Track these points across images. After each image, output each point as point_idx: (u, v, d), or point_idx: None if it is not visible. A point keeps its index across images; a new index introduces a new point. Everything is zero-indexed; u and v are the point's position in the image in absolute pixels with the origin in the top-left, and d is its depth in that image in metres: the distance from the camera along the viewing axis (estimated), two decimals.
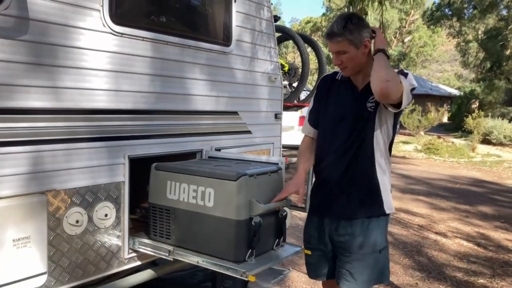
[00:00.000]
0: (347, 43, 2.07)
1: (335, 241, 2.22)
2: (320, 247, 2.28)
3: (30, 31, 1.90)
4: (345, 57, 2.10)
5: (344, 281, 2.17)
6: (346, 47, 2.08)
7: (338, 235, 2.20)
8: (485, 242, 5.64)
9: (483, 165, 13.52)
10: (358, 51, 2.09)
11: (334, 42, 2.09)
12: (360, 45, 2.08)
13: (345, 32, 2.05)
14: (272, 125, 3.39)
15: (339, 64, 2.13)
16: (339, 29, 2.06)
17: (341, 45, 2.08)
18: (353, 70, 2.15)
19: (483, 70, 29.20)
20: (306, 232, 2.36)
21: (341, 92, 2.22)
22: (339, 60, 2.11)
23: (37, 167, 1.95)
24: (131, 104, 2.33)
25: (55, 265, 2.03)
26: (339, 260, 2.21)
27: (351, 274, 2.15)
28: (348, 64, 2.12)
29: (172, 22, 2.67)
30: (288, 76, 5.13)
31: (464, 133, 20.01)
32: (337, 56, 2.11)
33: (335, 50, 2.11)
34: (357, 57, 2.10)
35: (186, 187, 2.22)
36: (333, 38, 2.09)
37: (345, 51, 2.08)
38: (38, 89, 1.94)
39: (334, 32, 2.07)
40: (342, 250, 2.19)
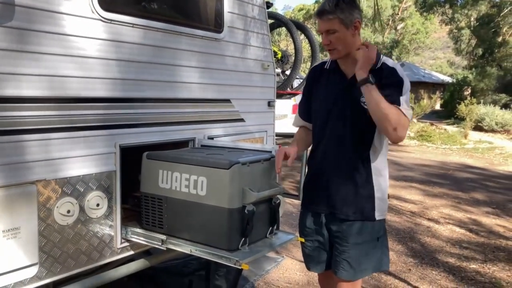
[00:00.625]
0: (337, 21, 2.00)
1: (332, 230, 2.20)
2: (317, 238, 2.27)
3: (16, 17, 1.85)
4: (334, 37, 2.03)
5: (342, 270, 2.15)
6: (336, 25, 2.01)
7: (335, 225, 2.18)
8: (477, 228, 5.70)
9: (475, 152, 13.63)
10: (347, 32, 2.02)
11: (325, 20, 2.02)
12: (350, 25, 2.01)
13: (337, 10, 1.99)
14: (265, 113, 3.37)
15: (327, 45, 2.06)
16: (330, 7, 2.00)
17: (331, 23, 2.01)
18: (341, 53, 2.07)
19: (475, 57, 29.28)
20: (301, 223, 2.34)
21: (330, 81, 2.17)
22: (327, 40, 2.04)
23: (26, 156, 1.91)
24: (122, 92, 2.30)
25: (47, 255, 2.01)
26: (335, 249, 2.19)
27: (348, 263, 2.13)
28: (337, 45, 2.04)
29: (162, 8, 2.61)
30: (281, 63, 5.10)
31: (457, 120, 20.13)
32: (326, 36, 2.04)
33: (325, 29, 2.04)
34: (346, 37, 2.03)
35: (179, 176, 2.20)
36: (323, 15, 2.02)
37: (335, 30, 2.01)
38: (25, 77, 1.89)
39: (325, 9, 2.01)
40: (339, 240, 2.17)
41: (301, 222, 2.35)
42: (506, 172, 10.36)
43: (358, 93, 2.01)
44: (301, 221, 2.35)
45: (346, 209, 2.12)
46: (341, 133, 2.10)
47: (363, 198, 2.12)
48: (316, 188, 2.22)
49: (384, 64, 2.06)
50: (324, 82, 2.20)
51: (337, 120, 2.12)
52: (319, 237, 2.26)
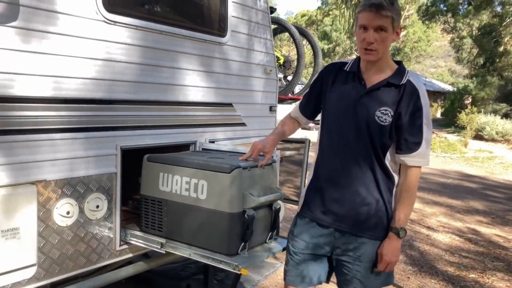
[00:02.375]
0: (390, 21, 1.84)
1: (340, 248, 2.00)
2: (311, 252, 2.04)
3: (21, 17, 1.85)
4: (381, 36, 1.85)
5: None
6: (388, 24, 1.84)
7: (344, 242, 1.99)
8: (476, 237, 5.68)
9: (475, 161, 13.62)
10: (391, 35, 1.88)
11: (380, 15, 1.83)
12: (395, 29, 1.88)
13: (393, 9, 1.84)
14: (267, 118, 3.37)
15: (371, 43, 1.86)
16: (388, 4, 1.82)
17: (385, 20, 1.84)
18: (379, 55, 1.90)
19: (476, 66, 29.34)
20: (296, 234, 2.09)
21: (348, 86, 2.00)
22: (374, 38, 1.85)
23: (27, 157, 1.91)
24: (124, 94, 2.29)
25: (45, 256, 2.00)
26: (344, 267, 2.00)
27: (361, 282, 1.97)
28: (380, 45, 1.87)
29: (166, 11, 2.62)
30: (283, 68, 5.09)
31: (457, 128, 20.14)
32: (374, 33, 1.85)
33: (377, 25, 1.84)
34: (388, 40, 1.89)
35: (179, 179, 2.19)
36: (381, 10, 1.82)
37: (386, 29, 1.85)
38: (28, 77, 1.90)
39: (383, 4, 1.82)
40: (349, 258, 1.98)
41: (294, 232, 2.10)
42: (506, 181, 10.35)
43: (375, 106, 1.91)
44: (295, 231, 2.10)
45: (358, 226, 1.96)
46: (355, 144, 1.95)
47: (377, 217, 1.96)
48: (321, 197, 2.03)
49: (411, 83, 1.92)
50: (340, 84, 2.03)
51: (350, 130, 1.95)
52: (317, 250, 2.04)
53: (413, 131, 1.91)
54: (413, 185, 1.97)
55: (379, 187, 1.96)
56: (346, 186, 1.97)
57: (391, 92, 1.91)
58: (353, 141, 1.95)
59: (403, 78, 1.93)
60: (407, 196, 1.96)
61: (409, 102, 1.89)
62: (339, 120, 1.99)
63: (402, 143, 1.92)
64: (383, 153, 1.95)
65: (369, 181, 1.95)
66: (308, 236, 2.04)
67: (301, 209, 2.12)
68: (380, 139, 1.92)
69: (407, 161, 1.94)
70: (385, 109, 1.90)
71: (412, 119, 1.90)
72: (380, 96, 1.92)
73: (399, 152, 1.94)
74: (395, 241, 1.95)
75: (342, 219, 1.97)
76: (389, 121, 1.89)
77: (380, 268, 1.95)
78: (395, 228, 1.95)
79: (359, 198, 1.95)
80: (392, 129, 1.91)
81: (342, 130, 1.98)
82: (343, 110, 1.98)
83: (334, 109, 2.03)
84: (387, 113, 1.89)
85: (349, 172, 1.96)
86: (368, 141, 1.93)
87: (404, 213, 1.96)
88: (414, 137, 1.91)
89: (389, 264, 1.95)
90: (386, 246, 1.95)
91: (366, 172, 1.95)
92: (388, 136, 1.92)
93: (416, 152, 1.91)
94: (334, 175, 2.01)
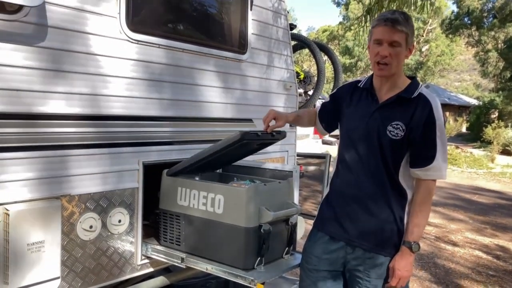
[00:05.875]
0: (404, 36, 1.88)
1: (351, 262, 2.00)
2: (325, 268, 2.05)
3: (48, 38, 1.93)
4: (394, 51, 1.88)
5: None
6: (402, 40, 1.88)
7: (355, 257, 1.98)
8: (504, 255, 5.51)
9: (503, 176, 13.27)
10: (405, 51, 1.92)
11: (396, 30, 1.86)
12: (409, 46, 1.92)
13: (408, 25, 1.88)
14: (287, 133, 3.37)
15: (385, 57, 1.89)
16: (403, 20, 1.87)
17: (400, 35, 1.87)
18: (392, 70, 1.93)
19: (503, 79, 28.76)
20: (309, 249, 2.11)
21: (362, 102, 2.04)
22: (388, 52, 1.88)
23: (52, 172, 1.96)
24: (147, 111, 2.35)
25: (69, 270, 2.04)
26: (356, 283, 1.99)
27: None
28: (393, 60, 1.90)
29: (188, 29, 2.68)
30: (304, 84, 5.12)
31: (483, 143, 19.70)
32: (388, 47, 1.88)
33: (391, 40, 1.87)
34: (401, 56, 1.91)
35: (197, 193, 2.22)
36: (396, 25, 1.86)
37: (400, 44, 1.88)
38: (55, 95, 1.96)
39: (399, 20, 1.86)
40: (360, 273, 1.97)
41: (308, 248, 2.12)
42: None
43: (386, 121, 1.91)
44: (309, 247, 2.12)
45: (369, 242, 1.95)
46: (366, 160, 1.96)
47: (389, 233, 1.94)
48: (334, 212, 2.05)
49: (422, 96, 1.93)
50: (355, 102, 2.07)
51: (363, 144, 1.97)
52: (327, 267, 2.05)
53: (427, 144, 1.89)
54: (427, 199, 1.94)
55: (390, 203, 1.95)
56: (357, 202, 1.98)
57: (402, 106, 1.92)
58: (365, 156, 1.96)
59: (415, 91, 1.94)
60: (421, 209, 1.93)
61: (421, 115, 1.89)
62: (352, 136, 2.02)
63: (416, 157, 1.92)
64: (395, 168, 1.94)
65: (380, 197, 1.95)
66: (321, 251, 2.06)
67: (315, 223, 2.16)
68: (392, 154, 1.92)
69: (421, 175, 1.93)
70: (396, 124, 1.90)
71: (425, 133, 1.88)
72: (391, 111, 1.94)
73: (413, 166, 1.93)
74: (407, 255, 1.92)
75: (353, 235, 1.98)
76: (401, 135, 1.90)
77: (393, 283, 1.92)
78: (408, 242, 1.92)
79: (370, 214, 1.96)
80: (404, 144, 1.91)
81: (354, 145, 2.00)
82: (356, 126, 2.01)
83: (348, 125, 2.07)
84: (399, 127, 1.90)
85: (361, 187, 1.97)
86: (380, 156, 1.93)
87: (417, 227, 1.94)
88: (428, 150, 1.89)
89: (401, 279, 1.92)
90: (398, 260, 1.92)
91: (377, 188, 1.95)
92: (400, 151, 1.92)
93: (430, 166, 1.90)
94: (346, 190, 2.02)
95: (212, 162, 2.36)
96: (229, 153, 2.29)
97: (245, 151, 2.47)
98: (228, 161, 2.60)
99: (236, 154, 2.45)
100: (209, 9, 2.85)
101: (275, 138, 2.29)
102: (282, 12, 3.26)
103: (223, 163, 2.62)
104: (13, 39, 1.82)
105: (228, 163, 2.65)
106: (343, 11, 37.29)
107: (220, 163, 2.59)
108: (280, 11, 3.24)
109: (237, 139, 2.11)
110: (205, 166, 2.38)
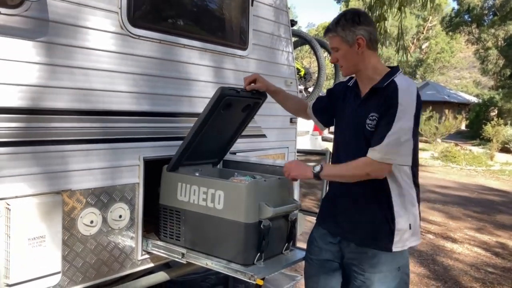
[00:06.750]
0: (339, 39, 1.98)
1: (346, 256, 2.05)
2: (326, 257, 2.11)
3: (49, 33, 1.93)
4: (339, 55, 2.01)
5: None
6: (338, 43, 1.99)
7: (349, 251, 2.03)
8: (503, 252, 5.53)
9: (502, 174, 13.29)
10: (351, 49, 1.97)
11: (329, 38, 2.03)
12: (353, 43, 1.96)
13: (337, 28, 1.97)
14: (287, 129, 3.38)
15: (335, 62, 2.07)
16: (332, 25, 2.00)
17: (333, 41, 2.01)
18: (349, 70, 2.05)
19: (502, 77, 28.75)
20: (311, 240, 2.19)
21: (348, 100, 2.11)
22: (335, 58, 2.04)
23: (53, 167, 1.96)
24: (147, 106, 2.35)
25: (69, 265, 2.04)
26: (353, 278, 2.03)
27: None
28: (342, 62, 2.03)
29: (189, 25, 2.68)
30: (304, 80, 5.12)
31: (482, 141, 19.73)
32: (335, 53, 2.03)
33: (332, 47, 2.04)
34: (350, 55, 1.98)
35: (197, 189, 2.22)
36: (327, 33, 2.03)
37: (338, 48, 2.00)
38: (55, 89, 1.96)
39: (328, 27, 2.01)
40: (355, 267, 2.01)
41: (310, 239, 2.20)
42: None
43: (366, 114, 1.94)
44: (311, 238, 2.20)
45: (359, 236, 1.99)
46: (354, 153, 1.97)
47: (379, 227, 1.96)
48: (331, 208, 2.12)
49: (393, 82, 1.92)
50: (346, 100, 2.12)
51: (349, 141, 2.04)
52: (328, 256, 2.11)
53: (382, 125, 1.87)
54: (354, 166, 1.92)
55: (377, 198, 1.97)
56: (349, 197, 2.04)
57: (377, 97, 1.95)
58: (352, 150, 1.99)
59: (388, 80, 1.95)
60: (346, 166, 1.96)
61: (386, 100, 1.89)
62: (342, 134, 2.10)
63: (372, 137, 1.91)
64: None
65: (368, 192, 1.97)
66: (322, 242, 2.14)
67: (317, 217, 2.24)
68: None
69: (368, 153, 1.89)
70: (372, 115, 1.93)
71: (385, 115, 1.87)
72: (369, 104, 1.97)
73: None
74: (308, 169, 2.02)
75: (347, 230, 2.04)
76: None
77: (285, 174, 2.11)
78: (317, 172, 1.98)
79: (359, 209, 2.01)
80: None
81: (345, 143, 2.08)
82: (345, 123, 2.08)
83: (339, 124, 2.15)
84: (374, 119, 1.92)
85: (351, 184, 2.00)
86: (364, 149, 1.92)
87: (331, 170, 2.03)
88: (382, 131, 1.86)
89: (287, 173, 2.09)
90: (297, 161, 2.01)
91: (364, 183, 1.94)
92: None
93: (377, 147, 1.86)
94: (340, 187, 2.08)
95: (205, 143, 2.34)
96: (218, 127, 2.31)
97: (232, 121, 2.43)
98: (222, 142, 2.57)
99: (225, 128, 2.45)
100: (210, 5, 2.85)
101: (255, 97, 2.32)
102: (282, 8, 3.25)
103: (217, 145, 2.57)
104: (14, 33, 1.81)
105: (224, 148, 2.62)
106: (343, 8, 37.26)
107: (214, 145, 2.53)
108: (280, 7, 3.23)
109: (218, 94, 2.13)
110: (201, 150, 2.37)
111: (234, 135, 2.57)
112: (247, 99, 2.32)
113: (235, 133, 2.56)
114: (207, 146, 2.42)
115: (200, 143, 2.31)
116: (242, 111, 2.41)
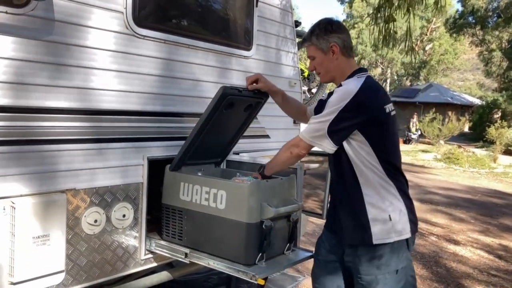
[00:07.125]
0: (314, 48, 2.08)
1: (345, 260, 2.11)
2: (331, 259, 2.18)
3: (55, 32, 1.93)
4: (315, 63, 2.10)
5: None
6: (314, 52, 2.09)
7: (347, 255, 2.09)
8: (507, 255, 5.51)
9: (505, 176, 13.25)
10: (326, 57, 2.07)
11: (306, 47, 2.12)
12: (327, 51, 2.05)
13: (312, 37, 2.07)
14: (291, 130, 3.38)
15: (312, 70, 2.14)
16: (307, 35, 2.09)
17: (309, 50, 2.10)
18: (325, 77, 2.15)
19: (506, 79, 28.67)
20: (320, 242, 2.28)
21: None
22: (312, 66, 2.13)
23: (57, 166, 1.97)
24: (152, 106, 2.35)
25: (73, 263, 2.05)
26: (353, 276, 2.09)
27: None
28: (319, 69, 2.12)
29: (193, 25, 2.68)
30: (308, 81, 5.12)
31: (486, 143, 19.67)
32: (311, 62, 2.12)
33: (308, 55, 2.13)
34: (325, 62, 2.08)
35: (199, 188, 2.22)
36: (304, 44, 2.13)
37: (314, 56, 2.10)
38: (61, 89, 1.97)
39: (304, 37, 2.12)
40: (352, 269, 2.08)
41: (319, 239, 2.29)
42: None
43: None
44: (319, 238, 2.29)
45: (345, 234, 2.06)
46: (333, 161, 2.11)
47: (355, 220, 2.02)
48: (330, 211, 2.25)
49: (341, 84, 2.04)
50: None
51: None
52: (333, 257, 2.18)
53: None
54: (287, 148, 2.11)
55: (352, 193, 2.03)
56: (336, 200, 2.16)
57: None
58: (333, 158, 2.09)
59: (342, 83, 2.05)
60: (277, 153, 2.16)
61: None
62: None
63: None
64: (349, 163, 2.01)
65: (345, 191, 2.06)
66: (327, 243, 2.22)
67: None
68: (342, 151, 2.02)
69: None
70: None
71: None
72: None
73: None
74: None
75: (338, 230, 2.12)
76: None
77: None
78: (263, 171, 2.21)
79: (342, 208, 2.10)
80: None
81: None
82: None
83: None
84: None
85: (335, 187, 2.15)
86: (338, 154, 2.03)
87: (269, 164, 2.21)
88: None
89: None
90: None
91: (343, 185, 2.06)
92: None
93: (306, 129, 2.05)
94: (332, 191, 2.23)
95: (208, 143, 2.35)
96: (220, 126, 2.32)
97: (234, 120, 2.45)
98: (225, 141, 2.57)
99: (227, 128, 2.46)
100: (215, 6, 2.85)
101: (257, 97, 2.35)
102: (288, 9, 3.26)
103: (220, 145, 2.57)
104: (20, 33, 1.82)
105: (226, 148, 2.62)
106: (347, 9, 37.24)
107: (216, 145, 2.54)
108: (285, 7, 3.23)
109: (220, 93, 2.14)
110: (204, 150, 2.37)
111: (236, 135, 2.57)
112: (249, 98, 2.34)
113: (237, 133, 2.57)
114: (209, 146, 2.43)
115: (202, 143, 2.31)
116: (244, 110, 2.42)
